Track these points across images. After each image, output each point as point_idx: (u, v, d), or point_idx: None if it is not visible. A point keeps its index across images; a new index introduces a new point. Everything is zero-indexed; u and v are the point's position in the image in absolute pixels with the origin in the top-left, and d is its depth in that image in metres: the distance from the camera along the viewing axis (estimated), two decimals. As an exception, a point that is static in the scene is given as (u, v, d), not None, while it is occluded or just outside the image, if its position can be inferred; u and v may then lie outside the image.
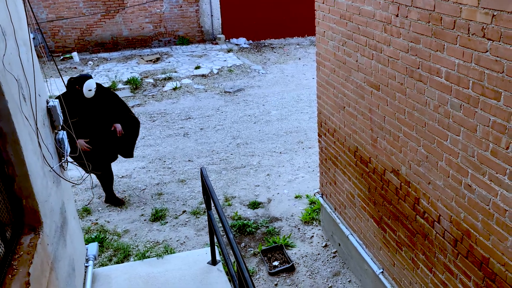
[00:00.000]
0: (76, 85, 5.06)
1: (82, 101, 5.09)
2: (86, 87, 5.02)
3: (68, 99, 4.95)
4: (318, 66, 4.41)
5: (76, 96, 5.06)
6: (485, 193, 2.38)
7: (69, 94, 5.08)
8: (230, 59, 11.74)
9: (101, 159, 5.40)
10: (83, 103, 5.11)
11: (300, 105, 8.87)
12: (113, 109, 5.37)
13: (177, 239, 5.01)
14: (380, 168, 3.53)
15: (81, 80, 5.06)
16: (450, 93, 2.53)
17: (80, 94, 5.06)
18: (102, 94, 5.29)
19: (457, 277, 2.77)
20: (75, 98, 5.06)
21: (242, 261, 2.54)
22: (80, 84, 5.04)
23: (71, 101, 4.97)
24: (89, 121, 5.18)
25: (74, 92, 5.08)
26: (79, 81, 5.06)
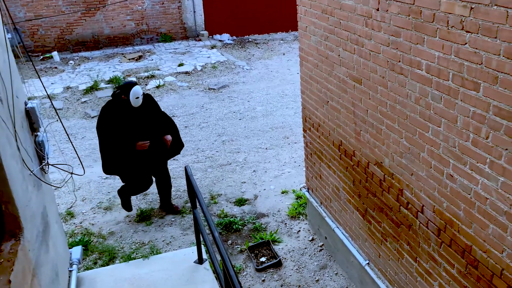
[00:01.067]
0: (121, 95, 4.61)
1: (129, 111, 4.68)
2: (133, 94, 4.58)
3: (114, 110, 4.67)
4: (301, 61, 4.43)
5: (123, 107, 4.65)
6: (467, 182, 2.43)
7: (115, 105, 4.70)
8: (214, 56, 11.69)
9: (146, 170, 5.07)
10: (131, 113, 4.69)
11: (285, 100, 8.89)
12: (158, 117, 5.00)
13: (163, 239, 4.98)
14: (364, 161, 3.56)
15: (126, 88, 4.60)
16: (430, 85, 2.57)
17: (127, 104, 4.64)
18: (147, 101, 4.89)
19: (441, 265, 2.82)
20: (121, 108, 4.66)
21: (228, 259, 2.55)
22: (126, 92, 4.59)
23: (117, 112, 4.65)
24: (138, 131, 4.79)
25: (121, 102, 4.66)
26: (124, 89, 4.61)
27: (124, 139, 4.75)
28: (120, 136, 4.74)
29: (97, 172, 6.50)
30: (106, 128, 4.74)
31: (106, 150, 4.84)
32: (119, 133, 4.73)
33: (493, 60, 2.08)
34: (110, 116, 4.73)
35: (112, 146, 4.78)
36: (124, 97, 4.59)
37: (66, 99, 9.44)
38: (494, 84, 2.10)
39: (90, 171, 6.51)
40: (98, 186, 6.16)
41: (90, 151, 7.23)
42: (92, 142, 7.51)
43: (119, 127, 4.71)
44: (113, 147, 4.78)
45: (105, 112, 4.77)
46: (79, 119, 8.56)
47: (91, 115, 8.63)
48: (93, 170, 6.56)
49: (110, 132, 4.73)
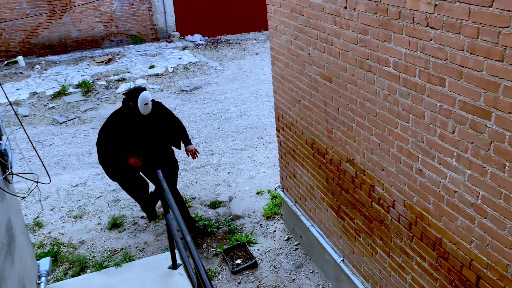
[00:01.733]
0: (129, 102, 4.32)
1: (138, 119, 4.39)
2: (142, 101, 4.26)
3: (122, 117, 4.40)
4: (273, 61, 4.43)
5: (131, 114, 4.36)
6: (435, 176, 2.47)
7: (123, 112, 4.42)
8: (185, 57, 11.58)
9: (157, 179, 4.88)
10: (140, 120, 4.40)
11: (259, 100, 8.89)
12: (170, 125, 4.73)
13: (136, 246, 4.88)
14: (336, 159, 3.59)
15: (134, 94, 4.28)
16: (398, 82, 2.60)
17: (135, 111, 4.34)
18: (157, 108, 4.60)
19: (413, 259, 2.87)
20: (130, 116, 4.38)
21: (200, 263, 2.51)
22: (134, 99, 4.28)
23: (125, 120, 4.37)
24: (147, 140, 4.54)
25: (129, 109, 4.36)
26: (132, 95, 4.30)
27: (124, 150, 4.49)
28: (122, 147, 4.47)
29: (66, 180, 6.33)
30: (109, 137, 4.46)
31: (107, 159, 4.58)
32: (123, 143, 4.45)
33: (458, 55, 2.12)
34: (115, 124, 4.42)
35: (112, 157, 4.54)
36: (132, 104, 4.28)
37: (33, 105, 9.15)
38: (459, 79, 2.15)
39: (59, 179, 6.33)
40: (67, 194, 5.99)
41: (59, 158, 7.02)
42: (61, 149, 7.30)
43: (123, 136, 4.43)
44: (112, 158, 4.54)
45: (111, 119, 4.47)
46: (47, 126, 8.30)
47: (59, 121, 8.39)
48: (62, 178, 6.38)
49: (112, 142, 4.45)
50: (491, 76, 1.96)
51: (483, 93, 2.02)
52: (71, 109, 8.90)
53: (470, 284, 2.39)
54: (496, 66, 1.92)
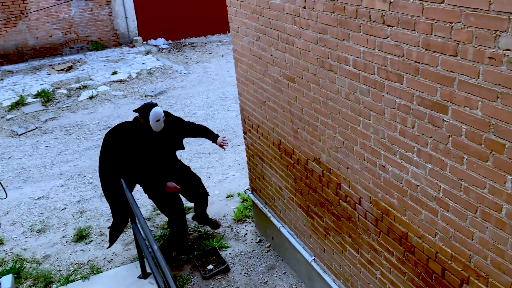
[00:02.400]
0: (140, 119, 4.07)
1: (150, 136, 4.14)
2: (153, 117, 4.02)
3: (135, 135, 4.11)
4: (236, 63, 4.40)
5: (142, 131, 4.11)
6: (398, 171, 2.51)
7: (134, 129, 4.13)
8: (149, 62, 11.38)
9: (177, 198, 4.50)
10: (153, 137, 4.15)
11: (226, 103, 8.84)
12: (184, 134, 4.54)
13: (104, 257, 4.73)
14: (303, 159, 3.59)
15: (144, 111, 4.03)
16: (358, 80, 2.63)
17: (147, 128, 4.09)
18: (171, 122, 4.35)
19: (381, 254, 2.90)
20: (142, 133, 4.12)
21: (168, 272, 2.45)
22: (145, 116, 4.04)
23: (138, 138, 4.10)
24: (163, 156, 4.30)
25: (139, 126, 4.10)
26: (142, 112, 4.05)
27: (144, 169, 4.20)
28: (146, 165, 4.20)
29: (27, 193, 6.08)
30: (135, 157, 4.16)
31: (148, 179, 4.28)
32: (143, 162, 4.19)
33: (413, 52, 2.16)
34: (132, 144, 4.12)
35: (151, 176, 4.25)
36: (143, 121, 4.04)
37: (-11, 117, 8.76)
38: (416, 75, 2.18)
39: (19, 193, 6.07)
40: (29, 208, 5.75)
41: (19, 171, 6.73)
42: (21, 162, 7.01)
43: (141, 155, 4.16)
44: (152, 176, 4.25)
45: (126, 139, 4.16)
46: (5, 138, 7.95)
47: (19, 133, 8.06)
48: (23, 191, 6.13)
49: (141, 161, 4.17)
50: (446, 71, 2.00)
51: (439, 88, 2.06)
52: (31, 120, 8.57)
53: (437, 276, 2.44)
54: (450, 61, 1.96)
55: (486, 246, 2.06)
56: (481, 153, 1.95)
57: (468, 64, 1.88)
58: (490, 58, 1.78)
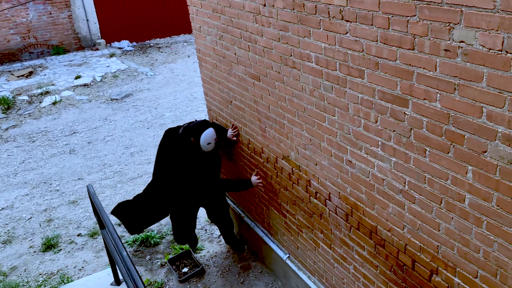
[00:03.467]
0: (190, 137, 3.77)
1: (197, 154, 3.82)
2: (204, 140, 3.72)
3: (179, 149, 3.82)
4: (200, 63, 4.33)
5: (189, 148, 3.81)
6: (364, 166, 2.52)
7: (182, 143, 3.82)
8: (113, 64, 11.12)
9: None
10: (199, 156, 3.83)
11: (195, 104, 8.73)
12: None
13: (75, 266, 4.58)
14: (272, 157, 3.57)
15: (196, 131, 3.74)
16: (321, 77, 2.62)
17: (195, 147, 3.79)
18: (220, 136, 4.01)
19: (353, 249, 2.91)
20: (188, 150, 3.81)
21: (138, 277, 2.37)
22: (196, 135, 3.73)
23: (184, 152, 3.80)
24: (207, 175, 3.93)
25: (188, 143, 3.80)
26: (194, 131, 3.75)
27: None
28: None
29: (-10, 205, 5.83)
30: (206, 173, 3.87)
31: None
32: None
33: (372, 46, 2.16)
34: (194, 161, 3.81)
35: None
36: (194, 140, 3.75)
37: None
38: (376, 70, 2.19)
39: (-19, 205, 5.81)
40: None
41: (-20, 182, 6.44)
42: (-19, 172, 6.71)
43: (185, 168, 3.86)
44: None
45: (188, 159, 3.83)
46: (-36, 148, 7.59)
47: (-22, 142, 7.71)
48: (-15, 203, 5.87)
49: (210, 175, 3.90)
50: (405, 65, 2.01)
51: (399, 82, 2.07)
52: (-9, 129, 8.22)
53: (407, 268, 2.46)
54: (408, 55, 1.97)
55: (452, 236, 2.09)
56: (442, 145, 1.97)
57: (425, 57, 1.89)
58: (446, 50, 1.79)
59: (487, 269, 1.96)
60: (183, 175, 3.86)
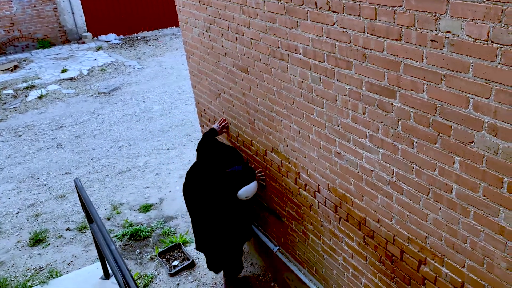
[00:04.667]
0: (229, 183, 3.41)
1: (231, 198, 3.47)
2: (244, 193, 3.38)
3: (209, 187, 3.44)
4: (188, 55, 4.28)
5: (222, 191, 3.44)
6: (353, 158, 2.52)
7: (214, 183, 3.44)
8: (100, 58, 10.97)
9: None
10: (232, 199, 3.47)
11: (183, 97, 8.67)
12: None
13: (63, 260, 4.55)
14: (261, 150, 3.56)
15: (241, 181, 3.37)
16: (309, 68, 2.60)
17: (232, 193, 3.43)
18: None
19: (342, 240, 2.93)
20: (220, 191, 3.44)
21: (127, 270, 2.36)
22: (237, 185, 3.39)
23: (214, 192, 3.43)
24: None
25: (224, 187, 3.42)
26: (237, 180, 3.38)
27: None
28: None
29: (-25, 201, 5.74)
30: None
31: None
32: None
33: (360, 37, 2.15)
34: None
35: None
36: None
37: None
38: (363, 61, 2.18)
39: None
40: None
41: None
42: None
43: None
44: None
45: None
46: None
47: (-38, 138, 7.57)
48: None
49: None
50: (392, 56, 2.00)
51: (386, 73, 2.07)
52: (-24, 125, 8.09)
53: (396, 259, 2.48)
54: (395, 46, 1.96)
55: (439, 227, 2.10)
56: (429, 136, 1.97)
57: (412, 47, 1.89)
58: (432, 41, 1.79)
59: (474, 258, 1.98)
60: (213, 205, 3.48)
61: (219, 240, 3.64)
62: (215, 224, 3.55)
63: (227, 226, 3.59)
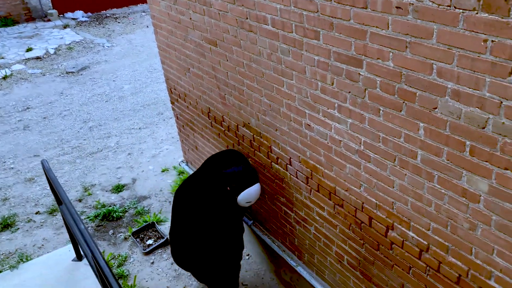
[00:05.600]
0: (227, 185, 2.99)
1: (229, 204, 3.08)
2: (244, 198, 2.99)
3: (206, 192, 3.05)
4: (156, 29, 4.17)
5: (222, 197, 3.04)
6: (322, 129, 2.53)
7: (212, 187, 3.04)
8: (68, 36, 10.59)
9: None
10: (230, 205, 3.08)
11: (155, 75, 8.50)
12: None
13: (34, 244, 4.46)
14: (233, 125, 3.54)
15: (241, 183, 2.97)
16: (278, 40, 2.58)
17: (230, 197, 3.02)
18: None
19: (313, 210, 2.97)
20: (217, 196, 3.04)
21: (96, 249, 2.33)
22: (237, 188, 2.97)
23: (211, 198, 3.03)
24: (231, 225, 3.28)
25: (221, 191, 3.02)
26: (237, 182, 2.96)
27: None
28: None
29: None
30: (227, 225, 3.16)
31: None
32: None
33: (327, 6, 2.13)
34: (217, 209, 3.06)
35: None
36: (229, 188, 2.99)
37: None
38: (331, 31, 2.17)
39: None
40: None
41: None
42: None
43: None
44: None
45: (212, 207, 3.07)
46: None
47: None
48: None
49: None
50: (358, 24, 2.00)
51: (353, 42, 2.07)
52: None
53: (365, 225, 2.54)
54: (361, 14, 1.96)
55: (406, 192, 2.15)
56: (395, 104, 2.00)
57: (378, 15, 1.89)
58: (397, 7, 1.79)
59: (438, 221, 2.05)
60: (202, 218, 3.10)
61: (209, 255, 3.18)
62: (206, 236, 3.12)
63: (220, 239, 3.16)
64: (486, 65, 1.59)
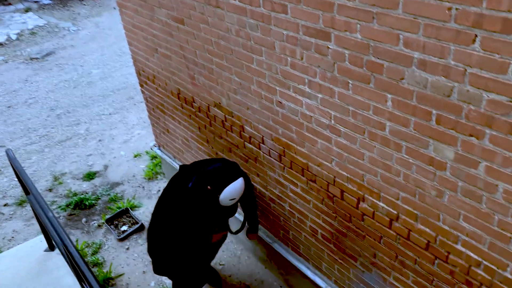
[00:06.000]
0: (207, 184, 2.71)
1: (211, 205, 2.80)
2: (227, 196, 2.70)
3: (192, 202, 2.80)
4: (121, 9, 4.03)
5: (203, 198, 2.77)
6: (293, 105, 2.52)
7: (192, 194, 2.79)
8: (30, 20, 10.15)
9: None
10: (213, 207, 2.81)
11: (124, 59, 8.28)
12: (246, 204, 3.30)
13: (3, 237, 4.33)
14: (204, 106, 3.49)
15: (220, 182, 2.69)
16: (246, 15, 2.53)
17: (211, 197, 2.74)
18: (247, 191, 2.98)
19: (287, 188, 2.98)
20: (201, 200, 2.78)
21: (68, 240, 2.27)
22: (217, 187, 2.68)
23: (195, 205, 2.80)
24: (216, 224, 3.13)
25: (201, 192, 2.76)
26: (217, 178, 2.70)
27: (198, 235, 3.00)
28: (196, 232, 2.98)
29: None
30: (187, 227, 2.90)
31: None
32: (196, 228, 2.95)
33: (294, -21, 2.10)
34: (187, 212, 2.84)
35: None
36: (210, 187, 2.70)
37: None
38: (299, 4, 2.14)
39: None
40: None
41: None
42: None
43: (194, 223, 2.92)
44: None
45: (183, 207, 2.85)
46: None
47: None
48: None
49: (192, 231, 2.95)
50: (325, -4, 1.98)
51: (321, 14, 2.05)
52: None
53: (337, 199, 2.57)
54: (328, -15, 1.94)
55: (375, 164, 2.18)
56: (363, 76, 2.00)
57: (344, -14, 1.87)
58: (363, -23, 1.78)
59: (407, 190, 2.09)
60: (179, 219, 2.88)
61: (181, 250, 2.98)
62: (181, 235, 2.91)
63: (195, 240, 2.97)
64: (450, 33, 1.60)
